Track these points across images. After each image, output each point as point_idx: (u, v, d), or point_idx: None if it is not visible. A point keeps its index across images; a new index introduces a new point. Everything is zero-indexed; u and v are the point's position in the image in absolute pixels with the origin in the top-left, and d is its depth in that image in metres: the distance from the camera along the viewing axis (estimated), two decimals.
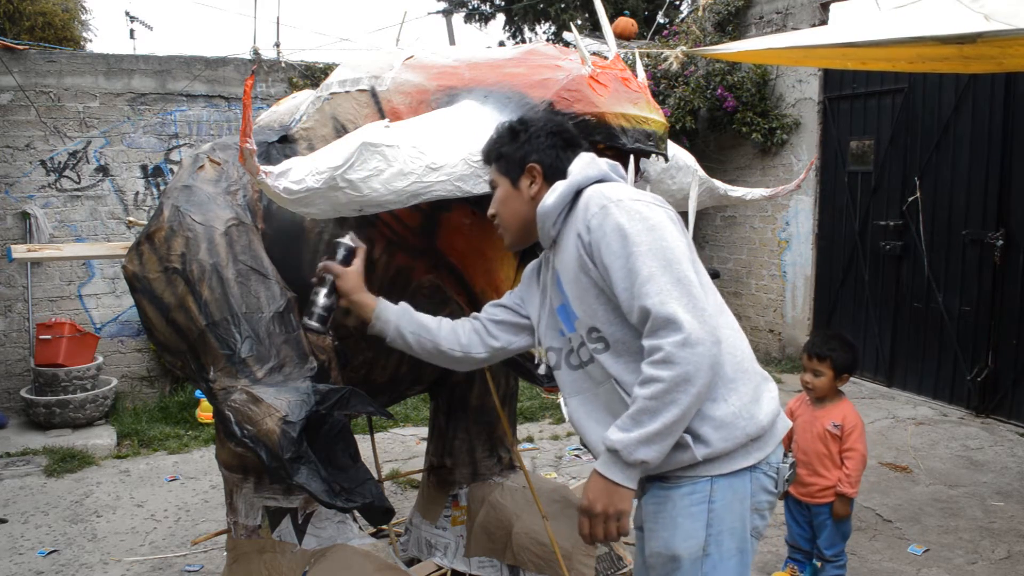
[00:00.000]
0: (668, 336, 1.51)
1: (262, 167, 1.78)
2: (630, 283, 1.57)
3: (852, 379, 6.28)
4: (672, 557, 1.65)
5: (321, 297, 1.98)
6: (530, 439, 5.14)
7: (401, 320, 2.00)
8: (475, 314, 2.05)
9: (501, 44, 12.57)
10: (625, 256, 1.58)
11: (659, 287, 1.54)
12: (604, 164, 1.80)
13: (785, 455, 1.75)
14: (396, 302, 2.58)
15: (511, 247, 1.94)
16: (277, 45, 7.11)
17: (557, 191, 1.75)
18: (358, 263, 2.03)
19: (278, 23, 7.31)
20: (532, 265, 1.98)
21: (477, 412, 3.11)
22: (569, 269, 1.72)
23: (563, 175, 1.78)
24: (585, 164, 1.78)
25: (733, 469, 1.63)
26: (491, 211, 1.91)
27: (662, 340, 1.52)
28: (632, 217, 1.60)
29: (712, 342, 1.53)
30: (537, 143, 1.82)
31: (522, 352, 2.03)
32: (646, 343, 1.55)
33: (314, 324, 1.98)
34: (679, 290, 1.54)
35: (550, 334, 1.85)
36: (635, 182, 2.14)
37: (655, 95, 6.98)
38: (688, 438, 1.59)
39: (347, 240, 2.03)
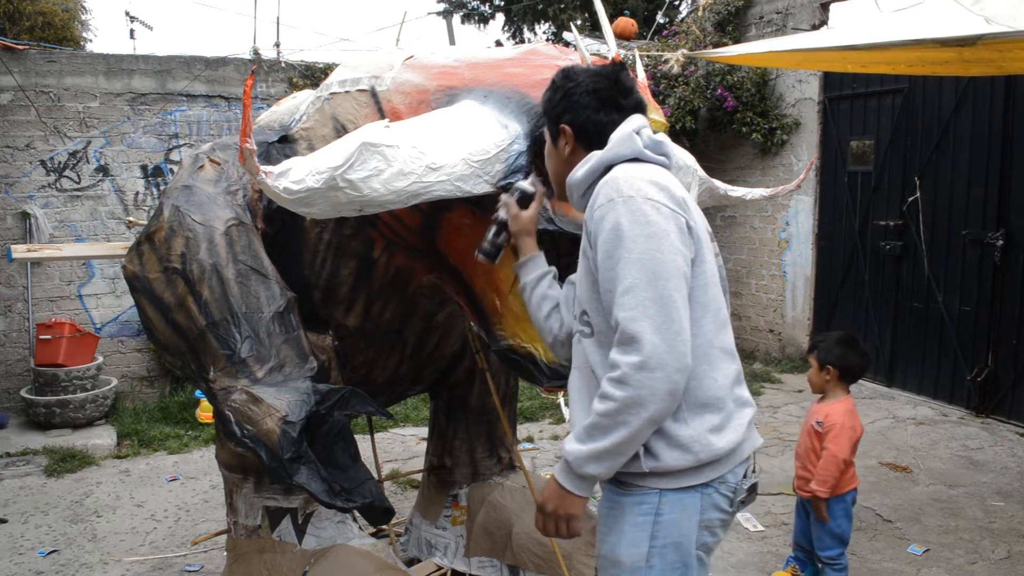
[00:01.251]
0: (628, 355, 1.48)
1: (262, 167, 1.77)
2: (612, 288, 1.54)
3: None
4: (615, 562, 1.65)
5: (491, 234, 2.01)
6: (530, 439, 5.14)
7: (540, 282, 1.94)
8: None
9: (498, 44, 12.56)
10: (615, 259, 1.53)
11: (636, 301, 1.49)
12: (641, 141, 1.70)
13: (748, 473, 1.70)
14: (396, 302, 2.60)
15: (560, 198, 1.89)
16: (277, 45, 7.12)
17: (587, 165, 1.70)
18: (534, 206, 1.97)
19: (278, 23, 7.32)
20: None
21: (477, 412, 3.12)
22: (581, 244, 1.70)
23: (597, 139, 1.71)
24: (620, 140, 1.68)
25: (682, 486, 1.61)
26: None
27: (622, 358, 1.49)
28: (635, 219, 1.53)
29: (676, 368, 1.47)
30: (571, 101, 1.74)
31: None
32: (611, 356, 1.53)
33: (480, 257, 2.02)
34: (656, 308, 1.48)
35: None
36: None
37: (655, 95, 6.98)
38: (640, 448, 1.57)
39: (526, 184, 2.00)
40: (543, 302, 1.92)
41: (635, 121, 1.73)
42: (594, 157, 1.69)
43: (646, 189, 1.57)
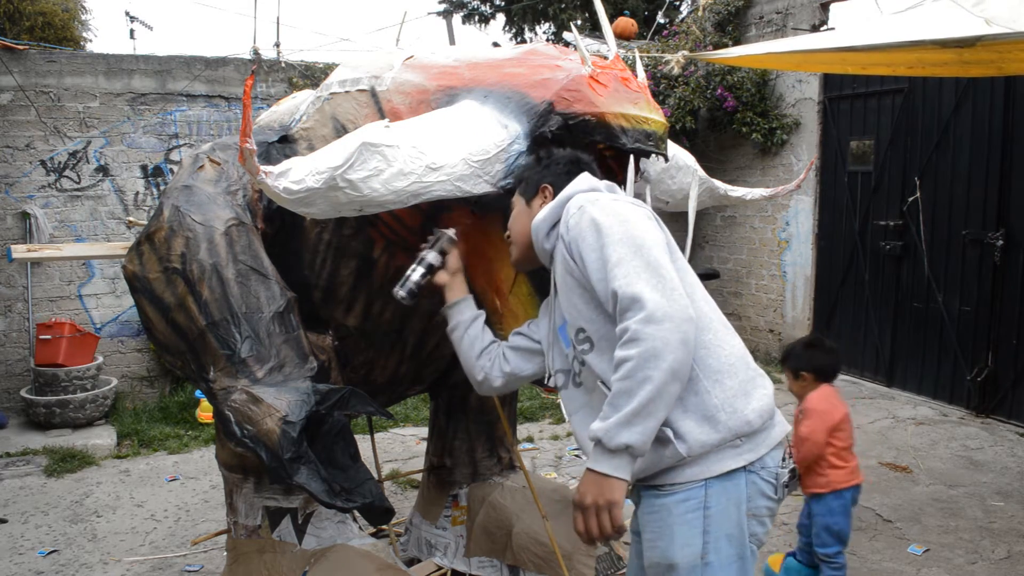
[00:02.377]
0: (634, 315, 1.52)
1: (262, 167, 1.77)
2: (603, 271, 1.60)
3: (852, 379, 6.33)
4: (670, 566, 1.62)
5: (417, 275, 2.09)
6: (530, 439, 5.15)
7: (473, 323, 2.10)
8: (501, 341, 2.13)
9: (495, 44, 12.55)
10: (599, 247, 1.62)
11: (627, 270, 1.56)
12: (597, 181, 1.87)
13: (785, 459, 1.70)
14: (396, 303, 2.58)
15: (516, 265, 2.01)
16: (277, 45, 7.12)
17: (548, 205, 1.84)
18: (456, 254, 2.14)
19: (278, 23, 7.32)
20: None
21: (477, 412, 3.11)
22: (559, 276, 1.76)
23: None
24: (577, 180, 1.86)
25: (724, 470, 1.60)
26: (508, 229, 2.01)
27: (628, 320, 1.53)
28: (606, 212, 1.66)
29: (683, 319, 1.52)
30: (554, 168, 1.91)
31: (533, 379, 2.06)
32: (617, 329, 1.56)
33: (403, 296, 2.08)
34: (648, 272, 1.55)
35: (557, 356, 1.88)
36: (635, 182, 2.14)
37: (655, 95, 6.97)
38: (669, 432, 1.58)
39: (451, 233, 2.14)
40: (475, 342, 2.07)
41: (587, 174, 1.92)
42: (553, 201, 1.85)
43: (606, 197, 1.75)
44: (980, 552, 3.52)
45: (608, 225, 1.63)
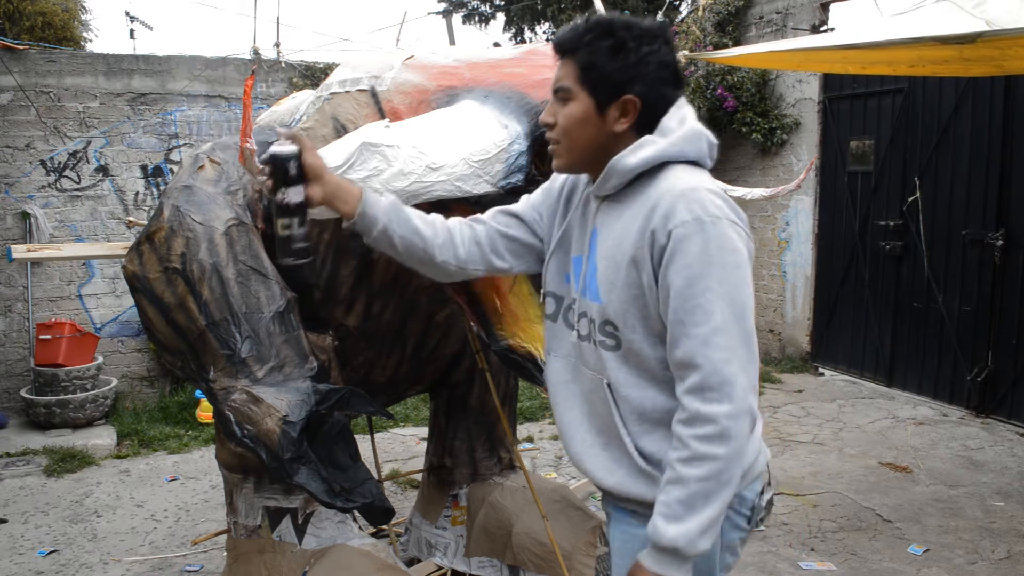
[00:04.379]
0: (720, 403, 1.34)
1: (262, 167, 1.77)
2: (694, 321, 1.37)
3: (852, 379, 6.33)
4: None
5: (296, 226, 1.55)
6: (530, 439, 5.14)
7: (391, 218, 1.61)
8: (479, 218, 1.73)
9: (496, 44, 12.55)
10: (701, 289, 1.37)
11: (728, 342, 1.36)
12: (706, 143, 1.51)
13: (765, 488, 1.59)
14: (396, 302, 2.60)
15: (560, 170, 1.59)
16: (277, 45, 7.12)
17: (642, 153, 1.46)
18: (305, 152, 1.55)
19: (278, 23, 7.33)
20: (561, 180, 1.70)
21: (477, 412, 3.11)
22: (614, 246, 1.48)
23: (658, 116, 1.49)
24: (689, 136, 1.48)
25: None
26: (550, 119, 1.54)
27: (714, 408, 1.34)
28: (723, 246, 1.38)
29: (756, 409, 1.42)
30: (644, 70, 1.46)
31: (530, 275, 1.80)
32: (688, 399, 1.37)
33: (292, 261, 1.58)
34: (743, 347, 1.38)
35: (556, 277, 1.64)
36: None
37: None
38: (656, 472, 1.47)
39: (285, 148, 1.52)
40: (416, 240, 1.62)
41: (690, 113, 1.53)
42: (650, 145, 1.46)
43: (727, 210, 1.42)
44: (980, 552, 3.52)
45: (721, 267, 1.38)
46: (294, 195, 1.53)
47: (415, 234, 1.63)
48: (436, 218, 1.68)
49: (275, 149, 1.52)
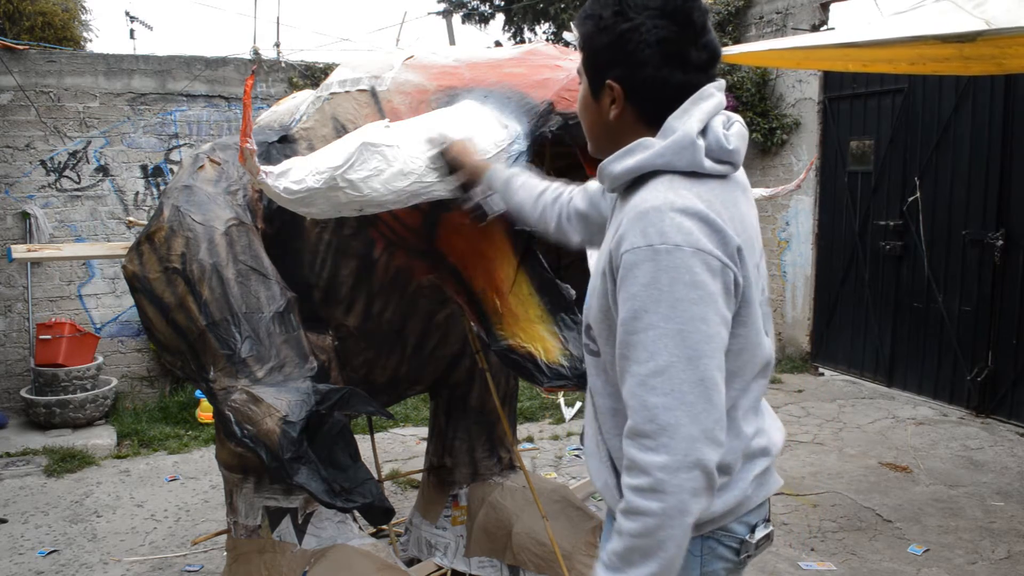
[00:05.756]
0: (658, 454, 1.20)
1: (262, 167, 1.78)
2: (636, 358, 1.23)
3: (852, 379, 6.33)
4: None
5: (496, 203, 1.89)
6: (530, 439, 5.14)
7: (506, 193, 1.83)
8: (567, 190, 1.75)
9: (497, 44, 12.55)
10: (644, 325, 1.22)
11: (671, 385, 1.20)
12: (703, 154, 1.30)
13: (760, 524, 1.44)
14: (396, 302, 2.60)
15: (595, 153, 1.47)
16: (277, 45, 7.13)
17: (628, 162, 1.33)
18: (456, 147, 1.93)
19: (278, 23, 7.34)
20: None
21: (477, 412, 3.12)
22: (601, 253, 1.40)
23: (659, 104, 1.33)
24: (678, 146, 1.29)
25: None
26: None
27: (650, 457, 1.20)
28: (678, 278, 1.20)
29: (715, 461, 1.22)
30: (628, 49, 1.30)
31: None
32: (626, 443, 1.25)
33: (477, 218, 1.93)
34: (696, 394, 1.20)
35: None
36: None
37: None
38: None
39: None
40: (520, 210, 1.81)
41: (705, 108, 1.33)
42: (639, 152, 1.32)
43: (697, 235, 1.22)
44: (980, 552, 3.51)
45: (671, 303, 1.20)
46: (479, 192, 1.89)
47: (520, 207, 1.81)
48: (542, 195, 1.76)
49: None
